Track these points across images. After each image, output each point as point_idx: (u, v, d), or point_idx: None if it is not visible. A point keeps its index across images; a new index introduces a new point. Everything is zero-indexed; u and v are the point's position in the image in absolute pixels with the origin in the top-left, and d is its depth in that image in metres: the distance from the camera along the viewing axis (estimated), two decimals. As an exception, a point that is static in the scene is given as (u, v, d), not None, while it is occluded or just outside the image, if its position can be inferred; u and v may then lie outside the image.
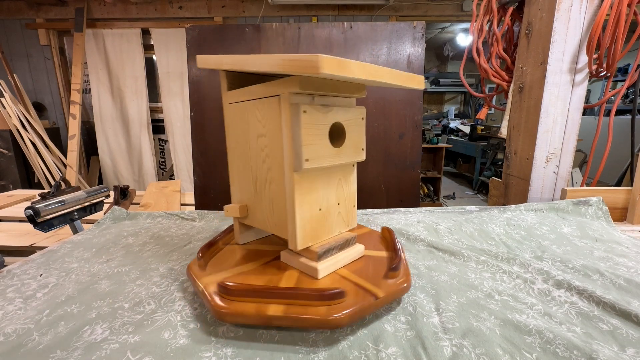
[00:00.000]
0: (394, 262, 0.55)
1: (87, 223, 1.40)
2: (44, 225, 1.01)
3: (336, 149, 0.55)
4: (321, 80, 0.51)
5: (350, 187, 0.61)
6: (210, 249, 0.64)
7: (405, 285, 0.52)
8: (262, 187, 0.60)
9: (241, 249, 0.68)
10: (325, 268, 0.56)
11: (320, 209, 0.56)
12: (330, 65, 0.39)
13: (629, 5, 0.92)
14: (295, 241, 0.54)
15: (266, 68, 0.46)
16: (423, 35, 1.34)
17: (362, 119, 0.59)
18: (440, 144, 4.21)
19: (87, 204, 1.16)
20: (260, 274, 0.57)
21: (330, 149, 0.54)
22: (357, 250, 0.62)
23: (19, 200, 1.80)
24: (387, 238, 0.69)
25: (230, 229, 0.73)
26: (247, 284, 0.51)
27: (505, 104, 1.26)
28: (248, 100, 0.59)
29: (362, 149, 0.60)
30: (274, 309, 0.46)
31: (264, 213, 0.61)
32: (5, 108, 2.92)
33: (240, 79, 0.64)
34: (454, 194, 4.60)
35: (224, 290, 0.49)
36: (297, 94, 0.49)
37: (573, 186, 1.09)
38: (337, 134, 0.56)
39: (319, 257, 0.55)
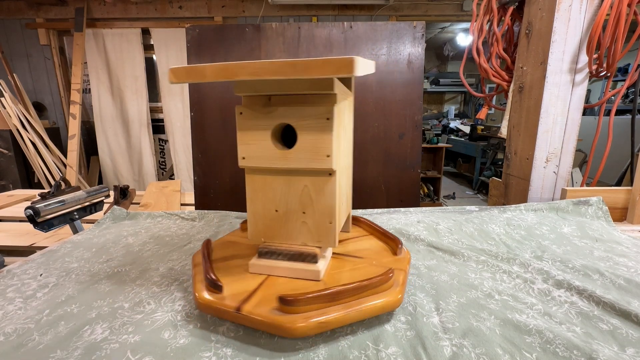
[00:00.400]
0: (293, 295, 0.46)
1: (87, 223, 1.40)
2: (44, 225, 1.01)
3: (282, 151, 0.52)
4: (262, 80, 0.48)
5: (324, 198, 0.53)
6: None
7: (281, 325, 0.45)
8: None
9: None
10: (258, 266, 0.57)
11: (276, 210, 0.56)
12: (179, 75, 0.45)
13: (629, 5, 0.92)
14: (248, 233, 0.59)
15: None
16: (423, 35, 1.34)
17: (328, 119, 0.49)
18: (440, 144, 4.21)
19: (87, 203, 1.16)
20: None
21: (274, 151, 0.52)
22: (309, 270, 0.55)
23: (19, 200, 1.80)
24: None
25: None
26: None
27: (505, 103, 1.26)
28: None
29: (328, 156, 0.50)
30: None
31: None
32: (5, 108, 2.92)
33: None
34: (454, 193, 4.60)
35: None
36: (241, 96, 0.54)
37: (573, 186, 1.09)
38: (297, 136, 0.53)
39: (259, 253, 0.58)
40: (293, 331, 0.43)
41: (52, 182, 2.96)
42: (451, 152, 5.57)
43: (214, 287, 0.51)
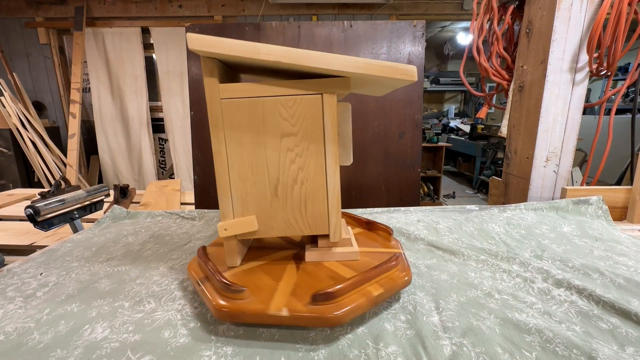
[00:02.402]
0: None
1: (87, 222, 1.40)
2: (44, 224, 1.01)
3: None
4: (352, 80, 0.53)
5: None
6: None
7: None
8: (289, 190, 0.57)
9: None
10: (315, 254, 0.61)
11: None
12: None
13: (629, 4, 0.92)
14: (340, 232, 0.58)
15: (350, 69, 0.49)
16: (423, 34, 1.34)
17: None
18: (440, 143, 4.21)
19: (87, 203, 1.16)
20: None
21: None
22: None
23: (19, 199, 1.80)
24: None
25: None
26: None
27: (506, 103, 1.26)
28: (267, 96, 0.53)
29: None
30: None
31: (288, 217, 0.58)
32: (5, 107, 2.92)
33: (228, 73, 0.59)
34: (454, 193, 4.60)
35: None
36: (341, 93, 0.53)
37: (573, 185, 1.09)
38: None
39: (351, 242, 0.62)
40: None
41: (52, 182, 2.97)
42: (451, 152, 5.57)
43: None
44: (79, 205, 1.13)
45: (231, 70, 0.63)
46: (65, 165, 3.14)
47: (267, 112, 0.53)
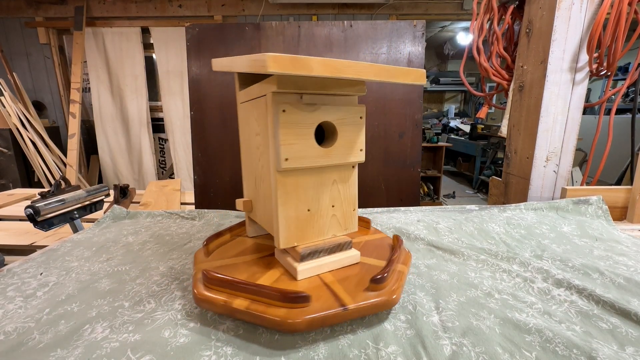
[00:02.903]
0: (379, 274, 0.51)
1: (87, 222, 1.40)
2: (44, 224, 1.01)
3: (325, 149, 0.53)
4: (305, 78, 0.50)
5: (349, 189, 0.59)
6: (218, 239, 0.68)
7: (387, 299, 0.48)
8: (259, 184, 0.61)
9: (248, 241, 0.70)
10: (306, 270, 0.55)
11: (309, 210, 0.55)
12: (283, 64, 0.39)
13: (629, 4, 0.92)
14: (279, 239, 0.54)
15: (239, 69, 0.52)
16: (423, 34, 1.34)
17: (361, 117, 0.56)
18: (440, 143, 4.21)
19: (87, 202, 1.16)
20: (248, 267, 0.59)
21: (316, 149, 0.53)
22: (350, 255, 0.59)
23: (19, 199, 1.80)
24: (395, 246, 0.68)
25: (241, 223, 0.76)
26: (221, 275, 0.51)
27: (506, 102, 1.26)
28: (248, 100, 0.60)
29: (361, 150, 0.57)
30: (239, 303, 0.47)
31: (260, 209, 0.63)
32: (5, 107, 2.92)
33: (250, 79, 0.63)
34: (454, 192, 4.60)
35: (205, 278, 0.51)
36: (280, 93, 0.49)
37: (573, 185, 1.09)
38: (330, 134, 0.56)
39: (302, 257, 0.55)
40: (393, 301, 0.49)
41: (52, 181, 2.96)
42: (451, 151, 5.57)
43: (301, 300, 0.46)
44: (79, 205, 1.13)
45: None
46: (65, 165, 3.14)
47: (249, 113, 0.63)
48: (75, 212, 1.11)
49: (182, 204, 1.81)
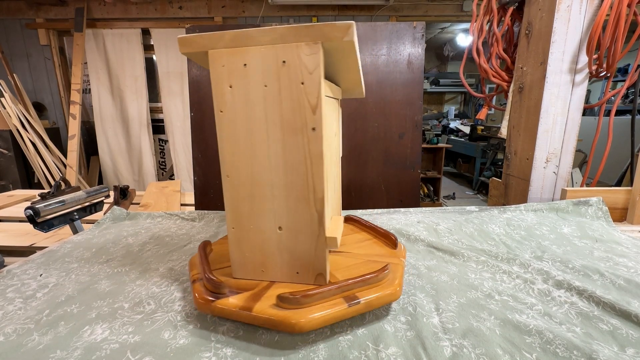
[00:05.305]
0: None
1: (87, 223, 1.40)
2: (44, 225, 1.01)
3: None
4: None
5: None
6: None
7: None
8: (334, 184, 0.67)
9: None
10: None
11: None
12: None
13: (628, 6, 0.92)
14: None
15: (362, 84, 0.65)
16: (423, 35, 1.34)
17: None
18: (440, 144, 4.21)
19: (87, 204, 1.16)
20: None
21: None
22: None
23: (19, 200, 1.80)
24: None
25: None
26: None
27: (505, 104, 1.26)
28: (334, 98, 0.63)
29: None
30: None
31: (336, 209, 0.68)
32: (5, 108, 2.92)
33: None
34: (454, 194, 4.60)
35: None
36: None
37: (573, 186, 1.09)
38: None
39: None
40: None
41: (52, 182, 2.96)
42: (451, 153, 5.57)
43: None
44: (79, 206, 1.13)
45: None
46: (65, 166, 3.14)
47: (333, 112, 0.61)
48: (75, 213, 1.11)
49: (182, 205, 1.80)
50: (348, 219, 0.79)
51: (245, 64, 0.48)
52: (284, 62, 0.46)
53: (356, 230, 0.76)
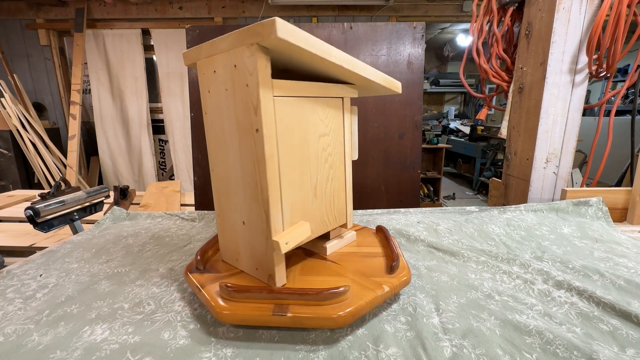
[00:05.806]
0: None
1: (87, 223, 1.40)
2: (44, 225, 1.01)
3: None
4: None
5: None
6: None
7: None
8: (323, 189, 0.59)
9: None
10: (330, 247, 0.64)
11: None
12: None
13: (628, 6, 0.92)
14: (352, 219, 0.66)
15: (374, 79, 0.57)
16: (423, 35, 1.34)
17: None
18: (440, 145, 4.21)
19: (87, 204, 1.16)
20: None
21: None
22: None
23: (19, 201, 1.80)
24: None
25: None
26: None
27: (505, 104, 1.26)
28: (305, 97, 0.53)
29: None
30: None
31: (322, 216, 0.59)
32: (5, 108, 2.92)
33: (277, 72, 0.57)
34: (453, 194, 4.60)
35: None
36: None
37: (573, 187, 1.09)
38: None
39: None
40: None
41: (52, 183, 2.96)
42: (451, 153, 5.57)
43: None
44: (79, 207, 1.13)
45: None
46: (65, 166, 3.14)
47: (308, 112, 0.55)
48: (75, 214, 1.11)
49: (182, 205, 1.80)
50: (379, 230, 0.72)
51: (214, 71, 0.52)
52: (235, 66, 0.48)
53: (374, 244, 0.69)
